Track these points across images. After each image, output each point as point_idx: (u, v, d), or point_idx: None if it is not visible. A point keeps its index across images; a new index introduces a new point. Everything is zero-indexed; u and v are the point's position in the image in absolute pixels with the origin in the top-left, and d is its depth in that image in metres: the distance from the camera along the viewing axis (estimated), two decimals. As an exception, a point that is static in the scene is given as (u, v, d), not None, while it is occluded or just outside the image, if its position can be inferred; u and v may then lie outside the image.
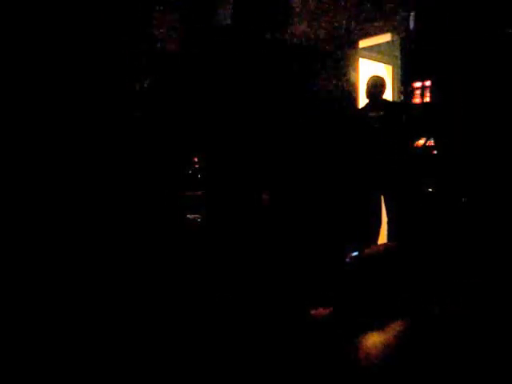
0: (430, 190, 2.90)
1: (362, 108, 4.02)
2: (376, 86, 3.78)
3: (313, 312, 1.90)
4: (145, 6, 3.31)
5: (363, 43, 4.37)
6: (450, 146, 2.44)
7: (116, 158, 2.56)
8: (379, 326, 1.82)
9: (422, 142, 2.96)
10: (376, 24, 4.19)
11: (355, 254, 2.06)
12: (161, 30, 3.95)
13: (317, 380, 1.54)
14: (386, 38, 4.24)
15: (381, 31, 4.20)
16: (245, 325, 1.91)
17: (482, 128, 2.18)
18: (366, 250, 2.09)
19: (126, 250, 2.33)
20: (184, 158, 3.53)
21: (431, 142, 2.86)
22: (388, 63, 4.63)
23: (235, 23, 2.93)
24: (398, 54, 4.28)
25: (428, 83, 3.11)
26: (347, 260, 2.04)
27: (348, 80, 4.37)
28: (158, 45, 3.99)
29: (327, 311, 1.89)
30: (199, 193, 3.15)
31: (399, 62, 4.24)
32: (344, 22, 4.37)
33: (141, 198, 2.63)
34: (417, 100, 3.13)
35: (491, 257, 2.00)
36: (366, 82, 3.88)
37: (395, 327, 1.87)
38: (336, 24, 4.41)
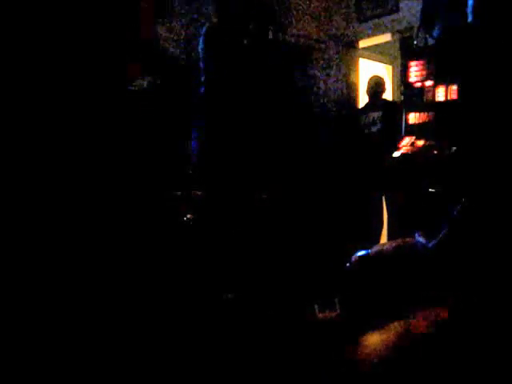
0: (431, 190, 2.88)
1: (362, 107, 4.03)
2: (377, 86, 3.80)
3: (319, 314, 1.89)
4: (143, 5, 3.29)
5: (363, 43, 4.37)
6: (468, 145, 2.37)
7: (115, 157, 2.54)
8: (384, 326, 1.80)
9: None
10: (376, 24, 4.19)
11: (360, 253, 2.04)
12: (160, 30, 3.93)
13: (320, 379, 1.54)
14: (386, 38, 4.24)
15: (381, 31, 4.20)
16: (248, 327, 1.89)
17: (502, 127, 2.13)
18: (371, 250, 2.08)
19: (127, 249, 2.31)
20: (184, 158, 3.51)
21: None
22: (388, 63, 4.64)
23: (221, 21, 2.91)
24: (398, 53, 4.28)
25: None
26: (352, 260, 2.03)
27: (348, 80, 4.37)
28: (157, 44, 3.97)
29: (334, 313, 1.87)
30: (199, 193, 3.13)
31: (399, 61, 4.24)
32: (344, 21, 4.37)
33: (140, 198, 2.60)
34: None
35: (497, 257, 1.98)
36: (367, 82, 3.90)
37: (399, 327, 1.85)
38: (336, 24, 4.41)
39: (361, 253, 2.06)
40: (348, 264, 2.06)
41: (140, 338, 1.81)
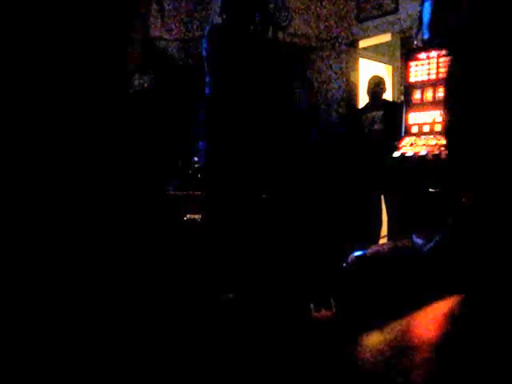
0: (431, 190, 2.87)
1: (362, 107, 4.03)
2: (377, 86, 3.79)
3: (316, 314, 1.88)
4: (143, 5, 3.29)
5: (363, 43, 4.37)
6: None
7: (115, 157, 2.55)
8: (382, 326, 1.80)
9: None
10: (376, 24, 4.19)
11: (356, 253, 2.04)
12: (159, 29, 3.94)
13: (320, 379, 1.53)
14: (386, 38, 4.24)
15: (381, 31, 4.19)
16: (246, 326, 1.89)
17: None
18: (369, 250, 2.07)
19: (126, 250, 2.31)
20: (184, 158, 3.52)
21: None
22: (388, 63, 4.64)
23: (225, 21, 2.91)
24: (398, 53, 4.28)
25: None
26: (349, 260, 2.02)
27: (348, 80, 4.36)
28: (157, 44, 3.98)
29: (329, 312, 1.87)
30: (199, 193, 3.13)
31: (399, 61, 4.23)
32: (344, 21, 4.37)
33: (139, 197, 2.61)
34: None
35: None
36: (367, 82, 3.90)
37: (397, 326, 1.85)
38: (336, 24, 4.41)
39: (358, 253, 2.05)
40: (345, 264, 2.06)
41: (139, 337, 1.82)
